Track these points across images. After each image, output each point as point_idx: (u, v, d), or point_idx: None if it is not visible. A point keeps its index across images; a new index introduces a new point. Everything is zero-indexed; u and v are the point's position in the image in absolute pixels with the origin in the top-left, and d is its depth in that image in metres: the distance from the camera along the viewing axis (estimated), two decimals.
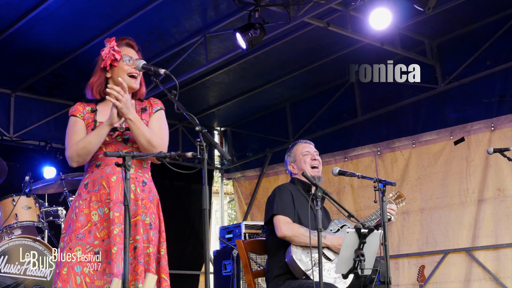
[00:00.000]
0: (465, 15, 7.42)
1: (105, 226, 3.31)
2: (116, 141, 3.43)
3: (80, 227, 3.30)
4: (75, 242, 3.27)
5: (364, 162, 8.71)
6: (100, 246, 3.28)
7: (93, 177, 3.40)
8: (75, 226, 3.31)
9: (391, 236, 8.06)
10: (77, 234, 3.29)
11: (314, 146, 4.88)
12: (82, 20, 6.71)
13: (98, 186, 3.36)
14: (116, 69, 3.51)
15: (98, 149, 3.40)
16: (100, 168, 3.40)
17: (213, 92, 9.17)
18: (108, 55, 3.50)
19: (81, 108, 3.53)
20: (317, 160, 4.75)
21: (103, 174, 3.38)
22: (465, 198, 7.61)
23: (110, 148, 3.41)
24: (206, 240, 3.14)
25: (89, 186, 3.39)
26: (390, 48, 7.56)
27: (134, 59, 3.55)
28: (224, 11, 6.92)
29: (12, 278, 5.72)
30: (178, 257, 9.68)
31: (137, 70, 3.52)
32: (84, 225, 3.31)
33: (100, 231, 3.30)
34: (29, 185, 6.34)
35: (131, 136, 3.43)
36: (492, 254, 7.36)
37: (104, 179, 3.37)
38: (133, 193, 3.38)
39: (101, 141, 3.36)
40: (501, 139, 7.41)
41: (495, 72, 7.53)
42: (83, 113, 3.50)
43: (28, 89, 8.44)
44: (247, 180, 10.28)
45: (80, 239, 3.28)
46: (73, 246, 3.26)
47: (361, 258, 3.69)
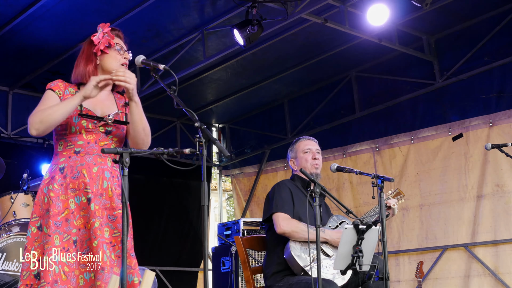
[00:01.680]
0: (462, 11, 7.42)
1: (81, 215, 3.23)
2: (98, 131, 3.35)
3: (57, 214, 3.20)
4: (54, 229, 3.18)
5: (363, 158, 8.72)
6: (77, 235, 3.20)
7: (71, 163, 3.29)
8: (52, 211, 3.20)
9: (391, 232, 8.07)
10: (55, 221, 3.19)
11: (317, 142, 4.85)
12: (79, 17, 6.69)
13: (78, 174, 3.26)
14: (106, 56, 3.44)
15: (77, 135, 3.31)
16: (80, 156, 3.30)
17: (211, 89, 9.17)
18: (102, 40, 3.42)
19: (62, 86, 3.40)
20: (318, 159, 4.73)
21: (83, 162, 3.28)
22: (464, 194, 7.61)
23: (90, 137, 3.32)
24: (204, 237, 3.08)
25: (65, 171, 3.28)
26: (387, 44, 7.56)
27: (124, 49, 3.50)
28: (221, 8, 6.91)
29: (11, 275, 5.71)
30: (176, 254, 9.69)
31: (127, 60, 3.48)
32: (61, 212, 3.21)
33: (77, 219, 3.22)
34: (27, 183, 6.33)
35: (114, 129, 3.38)
36: (491, 250, 7.37)
37: (85, 167, 3.28)
38: (114, 186, 3.33)
39: (69, 112, 3.24)
40: (499, 135, 7.41)
41: (493, 68, 7.54)
42: (65, 92, 3.37)
43: (25, 86, 8.42)
44: (246, 176, 10.28)
45: (58, 227, 3.19)
46: (51, 233, 3.16)
47: (359, 254, 3.69)
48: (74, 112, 3.30)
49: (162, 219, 9.67)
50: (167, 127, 9.81)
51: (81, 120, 3.32)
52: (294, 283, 4.25)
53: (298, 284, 4.23)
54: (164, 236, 9.59)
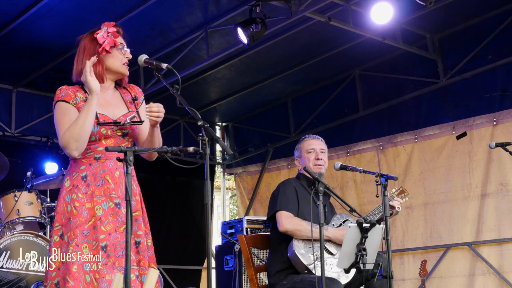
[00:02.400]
0: (466, 9, 7.40)
1: (110, 220, 3.23)
2: (116, 134, 3.36)
3: (84, 222, 3.20)
4: (82, 239, 3.17)
5: (367, 157, 8.71)
6: (107, 239, 3.19)
7: (93, 170, 3.29)
8: (78, 220, 3.19)
9: (395, 230, 8.06)
10: (82, 230, 3.18)
11: (323, 141, 4.83)
12: (83, 15, 6.69)
13: (102, 181, 3.27)
14: (109, 56, 3.42)
15: (96, 142, 3.31)
16: (101, 162, 3.31)
17: (215, 88, 9.16)
18: (108, 40, 3.40)
19: (71, 93, 3.35)
20: (321, 159, 4.72)
21: (105, 168, 3.30)
22: (468, 192, 7.60)
23: (109, 142, 3.33)
24: (208, 235, 3.09)
25: (88, 179, 3.27)
26: (391, 43, 7.54)
27: (125, 48, 3.48)
28: (225, 6, 6.91)
29: (14, 273, 5.72)
30: (180, 253, 9.69)
31: (127, 59, 3.48)
32: (88, 220, 3.20)
33: (105, 225, 3.21)
34: (30, 181, 6.32)
35: (130, 130, 3.40)
36: (495, 249, 7.36)
37: (108, 173, 3.29)
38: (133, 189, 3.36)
39: (94, 117, 3.24)
40: (504, 133, 7.40)
41: (497, 66, 7.52)
42: (76, 100, 3.34)
43: (29, 85, 8.43)
44: (249, 175, 10.28)
45: (86, 236, 3.18)
46: (79, 243, 3.15)
47: (363, 253, 3.69)
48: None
49: (165, 218, 9.67)
50: (170, 125, 9.80)
51: (100, 128, 3.31)
52: (298, 282, 4.25)
53: (302, 283, 4.22)
54: (167, 235, 9.59)
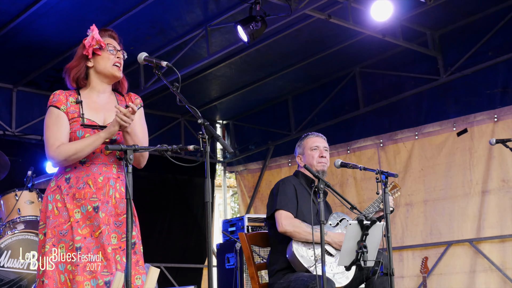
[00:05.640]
0: (466, 6, 7.40)
1: (87, 224, 3.25)
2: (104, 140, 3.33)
3: (63, 223, 3.24)
4: (59, 239, 3.23)
5: (367, 154, 8.71)
6: (82, 242, 3.21)
7: (77, 173, 3.31)
8: (57, 221, 3.25)
9: (395, 228, 8.06)
10: (60, 230, 3.24)
11: (326, 139, 4.83)
12: (83, 14, 6.69)
13: (83, 184, 3.28)
14: (99, 58, 3.45)
15: None
16: (85, 166, 3.31)
17: (215, 86, 9.16)
18: (92, 43, 3.43)
19: (63, 98, 3.39)
20: (325, 157, 4.71)
21: (89, 173, 3.30)
22: (469, 189, 7.59)
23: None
24: (209, 233, 3.08)
25: (71, 181, 3.30)
26: (391, 40, 7.54)
27: (117, 49, 3.49)
28: (225, 4, 6.91)
29: (15, 273, 5.72)
30: (181, 251, 9.70)
31: (121, 60, 3.49)
32: (67, 221, 3.24)
33: (82, 228, 3.24)
34: (31, 180, 6.33)
35: (119, 137, 3.37)
36: (497, 245, 7.35)
37: (90, 178, 3.29)
38: (118, 193, 3.34)
39: (94, 148, 3.28)
40: (504, 130, 7.39)
41: (497, 62, 7.51)
42: (67, 104, 3.37)
43: (29, 84, 8.43)
44: (250, 173, 10.28)
45: (64, 235, 3.23)
46: (56, 243, 3.22)
47: (364, 250, 3.69)
48: (76, 125, 3.33)
49: (166, 216, 9.67)
50: (171, 124, 9.80)
51: (85, 133, 3.31)
52: (293, 280, 4.25)
53: (295, 281, 4.22)
54: (168, 233, 9.60)
